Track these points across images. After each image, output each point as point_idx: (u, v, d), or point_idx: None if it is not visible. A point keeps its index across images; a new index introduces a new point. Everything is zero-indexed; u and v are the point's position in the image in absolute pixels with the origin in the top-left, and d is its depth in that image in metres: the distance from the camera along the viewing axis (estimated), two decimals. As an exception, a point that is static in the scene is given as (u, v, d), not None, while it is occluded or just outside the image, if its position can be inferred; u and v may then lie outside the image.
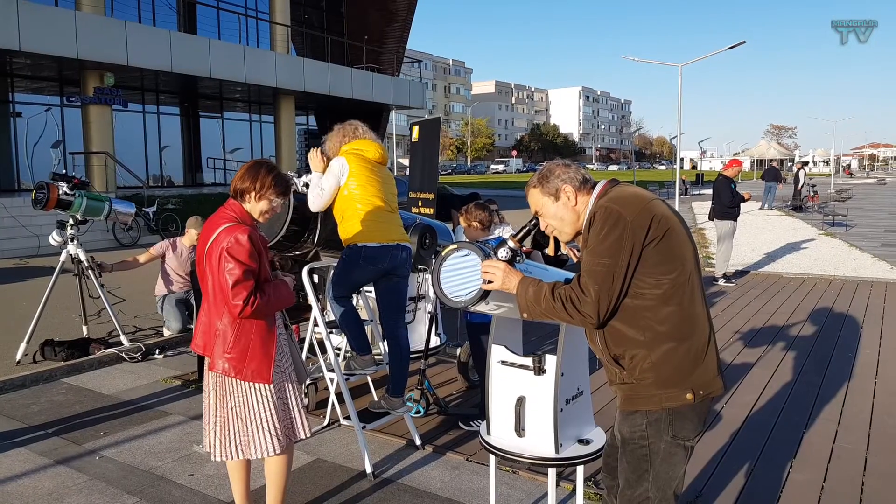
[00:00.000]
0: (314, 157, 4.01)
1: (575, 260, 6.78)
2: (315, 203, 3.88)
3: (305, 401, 4.35)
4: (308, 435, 3.08)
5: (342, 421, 4.45)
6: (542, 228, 2.39)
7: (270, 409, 2.92)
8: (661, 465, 2.17)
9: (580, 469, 2.85)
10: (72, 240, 6.08)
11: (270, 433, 2.92)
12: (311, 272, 4.05)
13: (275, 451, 2.94)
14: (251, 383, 2.89)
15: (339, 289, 4.00)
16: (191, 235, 6.67)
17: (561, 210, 2.31)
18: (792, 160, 47.20)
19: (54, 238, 6.11)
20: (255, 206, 2.91)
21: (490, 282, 2.31)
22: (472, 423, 4.35)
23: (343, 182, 3.87)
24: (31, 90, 19.31)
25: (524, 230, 2.51)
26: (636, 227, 2.07)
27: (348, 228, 3.87)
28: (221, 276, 2.77)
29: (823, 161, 69.67)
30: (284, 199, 2.99)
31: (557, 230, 2.35)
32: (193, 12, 22.76)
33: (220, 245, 2.77)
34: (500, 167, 79.77)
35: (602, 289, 2.08)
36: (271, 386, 2.92)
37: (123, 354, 5.99)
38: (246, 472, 3.13)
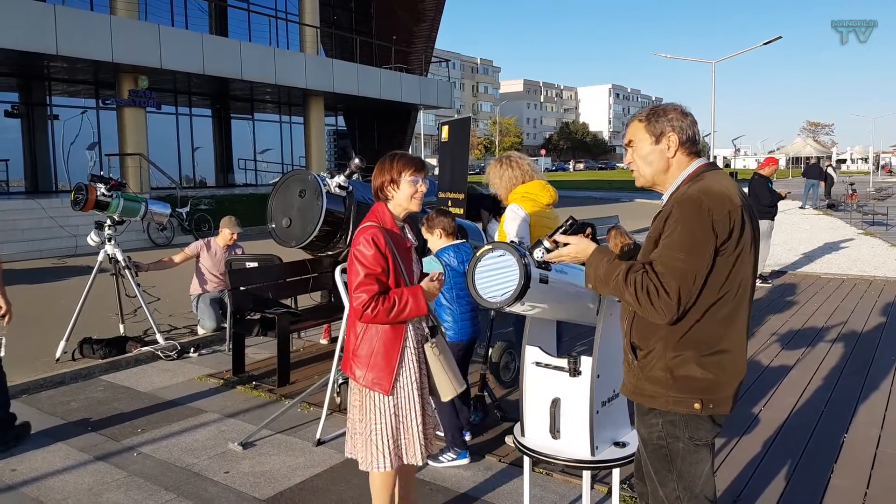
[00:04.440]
0: None
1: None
2: None
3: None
4: (421, 462, 2.85)
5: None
6: (625, 166, 2.31)
7: (385, 423, 2.76)
8: (682, 464, 2.14)
9: (616, 472, 2.81)
10: (109, 240, 6.20)
11: (378, 447, 2.76)
12: (343, 271, 4.06)
13: (383, 467, 2.76)
14: (370, 391, 2.77)
15: None
16: (224, 235, 6.76)
17: (655, 154, 2.18)
18: (829, 157, 46.16)
19: (92, 238, 6.24)
20: (401, 195, 2.78)
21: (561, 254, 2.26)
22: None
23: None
24: (68, 93, 19.79)
25: (559, 231, 2.48)
26: (719, 230, 1.99)
27: None
28: (349, 276, 2.72)
29: (862, 158, 67.95)
30: (423, 175, 2.80)
31: (639, 171, 2.24)
32: (224, 15, 23.11)
33: (354, 246, 2.73)
34: (529, 166, 79.24)
35: (684, 288, 1.97)
36: (390, 398, 2.77)
37: (159, 353, 6.09)
38: (389, 486, 2.87)
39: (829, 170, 24.23)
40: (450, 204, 7.64)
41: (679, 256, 1.98)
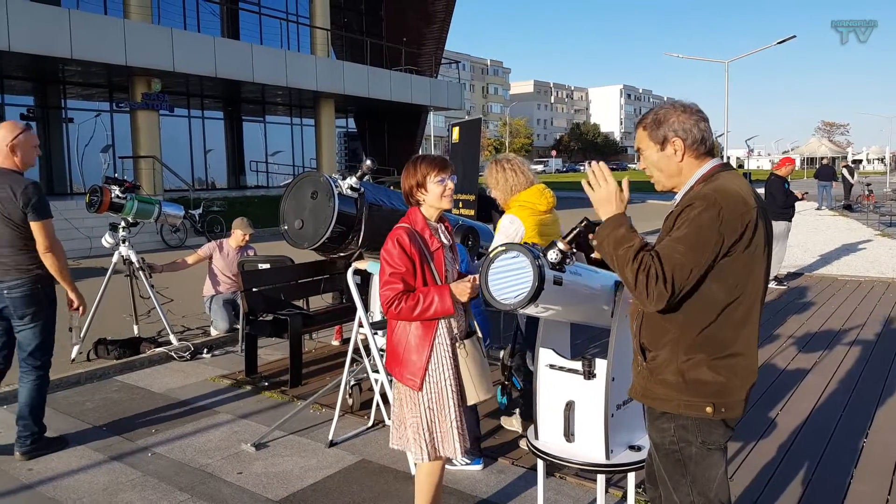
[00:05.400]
0: None
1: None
2: None
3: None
4: (459, 455, 2.88)
5: (387, 422, 4.43)
6: (641, 168, 2.28)
7: (420, 416, 2.83)
8: (696, 469, 2.12)
9: (631, 475, 2.78)
10: (123, 241, 6.24)
11: (414, 439, 2.84)
12: (355, 273, 4.06)
13: (424, 458, 2.85)
14: (403, 385, 2.87)
15: None
16: (237, 236, 6.79)
17: (663, 161, 2.16)
18: (844, 157, 45.63)
19: (107, 240, 6.28)
20: (431, 196, 2.87)
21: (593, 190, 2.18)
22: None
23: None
24: (82, 97, 19.98)
25: (573, 232, 2.45)
26: (728, 230, 1.97)
27: None
28: (380, 275, 2.82)
29: (878, 158, 67.29)
30: (448, 173, 2.87)
31: (654, 178, 2.23)
32: (236, 18, 23.25)
33: (383, 247, 2.82)
34: (540, 167, 79.10)
35: (678, 279, 1.96)
36: (422, 394, 2.83)
37: (173, 353, 6.12)
38: (433, 478, 2.92)
39: (845, 171, 23.75)
40: (461, 205, 7.64)
41: (679, 248, 1.97)
